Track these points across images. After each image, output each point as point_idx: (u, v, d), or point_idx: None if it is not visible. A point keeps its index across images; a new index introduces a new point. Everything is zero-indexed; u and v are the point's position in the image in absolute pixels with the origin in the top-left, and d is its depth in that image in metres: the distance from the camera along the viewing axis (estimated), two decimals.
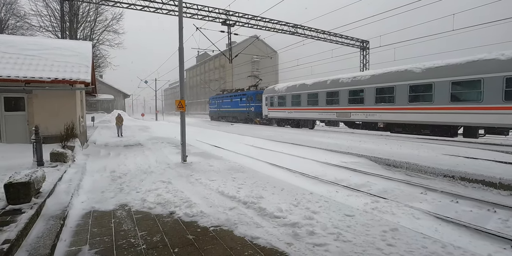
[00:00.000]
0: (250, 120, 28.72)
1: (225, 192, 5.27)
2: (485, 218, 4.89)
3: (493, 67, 11.08)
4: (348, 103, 17.21)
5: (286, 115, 23.03)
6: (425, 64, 13.72)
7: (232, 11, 24.26)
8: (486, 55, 11.66)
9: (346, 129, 20.63)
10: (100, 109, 47.40)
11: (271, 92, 24.71)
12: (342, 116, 17.83)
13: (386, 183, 6.89)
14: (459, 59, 12.54)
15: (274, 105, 24.16)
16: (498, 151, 9.43)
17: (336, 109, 18.16)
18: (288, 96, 22.43)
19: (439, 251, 3.09)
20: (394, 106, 14.70)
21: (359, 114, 16.66)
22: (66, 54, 11.03)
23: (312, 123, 21.79)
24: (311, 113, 20.31)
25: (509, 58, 10.80)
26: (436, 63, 13.27)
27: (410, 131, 14.74)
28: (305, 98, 20.71)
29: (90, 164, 8.16)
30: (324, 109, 19.09)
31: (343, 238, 3.42)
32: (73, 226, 3.93)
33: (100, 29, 29.16)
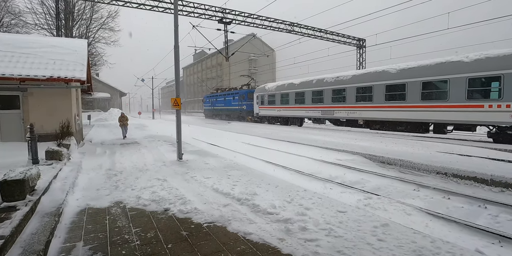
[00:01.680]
0: (243, 118, 29.63)
1: (219, 189, 5.31)
2: (475, 214, 4.98)
3: (458, 69, 12.02)
4: (332, 101, 18.16)
5: (275, 113, 23.91)
6: (400, 65, 14.62)
7: (228, 9, 24.21)
8: (453, 57, 12.54)
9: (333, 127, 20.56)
10: (96, 107, 47.19)
11: (262, 91, 25.59)
12: (326, 114, 18.78)
13: (380, 180, 6.96)
14: (429, 61, 13.39)
15: (265, 103, 25.09)
16: (491, 148, 9.55)
17: (321, 107, 19.07)
18: (278, 95, 23.31)
19: (428, 246, 3.15)
20: (372, 104, 15.67)
21: (341, 112, 17.57)
22: (62, 52, 10.99)
23: (300, 120, 22.77)
24: (299, 111, 21.16)
25: (472, 60, 11.66)
26: (409, 64, 14.16)
27: (387, 128, 15.67)
28: (293, 97, 21.59)
29: (85, 162, 8.17)
30: (310, 107, 19.97)
31: (334, 233, 3.47)
32: (67, 223, 3.96)
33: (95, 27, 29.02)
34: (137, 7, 21.39)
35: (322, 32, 28.93)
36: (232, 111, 31.54)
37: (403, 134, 15.16)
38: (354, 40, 31.00)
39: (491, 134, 12.19)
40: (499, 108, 10.99)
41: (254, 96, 26.79)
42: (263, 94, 25.27)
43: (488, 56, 11.42)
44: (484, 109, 11.38)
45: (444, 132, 13.63)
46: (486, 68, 11.24)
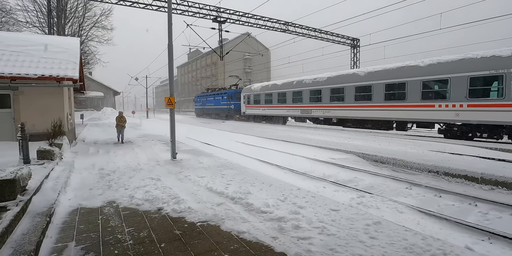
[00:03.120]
0: (231, 117, 30.97)
1: (213, 188, 5.31)
2: (466, 212, 5.06)
3: (414, 72, 13.41)
4: (310, 101, 19.49)
5: (260, 112, 25.39)
6: (367, 68, 16.01)
7: (223, 8, 24.14)
8: (411, 62, 13.87)
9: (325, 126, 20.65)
10: (89, 106, 46.68)
11: (248, 91, 26.85)
12: (305, 113, 20.16)
13: (373, 179, 7.03)
14: (392, 65, 14.80)
15: (251, 103, 26.44)
16: (482, 147, 9.69)
17: (300, 106, 20.44)
18: (262, 95, 24.70)
19: (419, 243, 3.19)
20: (344, 104, 17.05)
21: (318, 111, 18.96)
22: (54, 50, 10.84)
23: (283, 119, 23.89)
24: (281, 110, 22.60)
25: (426, 65, 13.00)
26: (376, 67, 15.56)
27: (357, 126, 16.97)
28: (276, 97, 23.01)
29: (78, 162, 8.09)
30: (291, 107, 21.38)
31: (327, 231, 3.50)
32: (59, 223, 3.93)
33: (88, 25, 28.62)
34: (130, 5, 21.21)
35: (317, 31, 29.02)
36: (221, 110, 32.77)
37: (395, 133, 15.32)
38: (348, 40, 31.17)
39: (441, 131, 13.40)
40: (446, 107, 12.32)
41: (241, 96, 28.04)
42: (249, 94, 26.56)
43: (440, 61, 12.64)
44: (435, 108, 12.71)
45: (405, 129, 14.85)
46: (437, 72, 12.55)
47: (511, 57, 10.58)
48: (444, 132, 13.23)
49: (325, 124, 19.42)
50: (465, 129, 12.40)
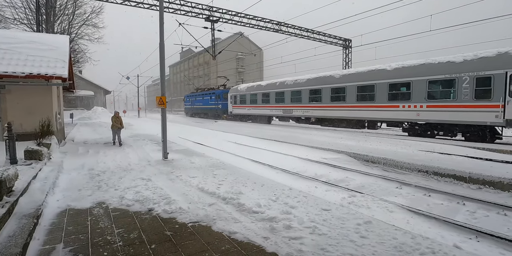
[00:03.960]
0: (219, 116, 31.93)
1: (205, 188, 5.28)
2: (454, 211, 5.15)
3: (382, 76, 14.59)
4: (291, 101, 20.59)
5: (246, 112, 26.48)
6: (342, 71, 17.39)
7: (215, 7, 24.05)
8: (380, 66, 15.07)
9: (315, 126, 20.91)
10: (79, 105, 45.96)
11: (235, 91, 27.89)
12: (286, 113, 21.32)
13: (364, 178, 7.09)
14: (363, 68, 15.93)
15: (237, 103, 27.53)
16: (470, 147, 9.87)
17: (282, 106, 21.60)
18: (248, 95, 25.78)
19: (409, 242, 3.23)
20: (321, 104, 18.14)
21: (298, 110, 20.06)
22: (42, 48, 10.62)
23: (268, 118, 24.88)
24: (265, 110, 23.78)
25: (393, 69, 14.22)
26: (350, 70, 16.90)
27: (334, 125, 18.17)
28: (260, 97, 24.14)
29: (67, 162, 7.95)
30: (274, 107, 22.56)
31: (318, 231, 3.51)
32: (47, 225, 3.85)
33: (78, 23, 28.10)
34: (121, 3, 20.95)
35: (309, 32, 29.16)
36: (209, 110, 33.99)
37: (386, 133, 15.52)
38: (340, 40, 31.40)
39: (404, 129, 14.57)
40: (409, 108, 13.52)
41: (228, 96, 29.00)
42: (236, 94, 27.59)
43: (404, 65, 13.86)
44: (399, 108, 13.93)
45: (375, 128, 16.30)
46: (402, 75, 13.79)
47: (462, 63, 11.69)
48: (407, 130, 14.34)
49: (306, 123, 20.53)
50: (425, 128, 13.52)
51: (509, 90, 10.56)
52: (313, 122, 19.63)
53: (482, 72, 11.21)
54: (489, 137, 11.74)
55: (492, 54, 11.24)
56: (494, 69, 10.90)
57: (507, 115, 10.58)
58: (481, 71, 11.22)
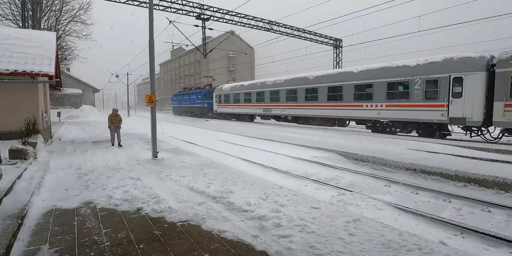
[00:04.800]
0: (205, 115, 33.18)
1: (195, 187, 5.25)
2: (441, 208, 5.25)
3: (349, 77, 15.92)
4: (270, 101, 21.94)
5: (230, 111, 27.74)
6: (316, 73, 18.47)
7: (206, 5, 23.87)
8: (348, 69, 16.52)
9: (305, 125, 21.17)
10: (67, 104, 45.06)
11: (220, 91, 29.09)
12: (266, 111, 22.73)
13: (353, 177, 7.17)
14: (334, 70, 17.75)
15: (222, 102, 28.80)
16: (457, 146, 10.08)
17: (262, 105, 22.98)
18: (231, 95, 27.02)
19: (396, 239, 3.28)
20: (297, 103, 19.44)
21: (276, 109, 21.44)
22: (28, 45, 10.35)
23: (250, 117, 26.20)
24: (247, 108, 25.10)
25: (358, 71, 15.50)
26: (322, 72, 18.14)
27: (308, 123, 19.49)
28: (242, 97, 25.42)
29: (54, 161, 7.79)
30: (255, 106, 23.90)
31: (308, 229, 3.53)
32: (32, 225, 3.76)
33: (66, 19, 27.48)
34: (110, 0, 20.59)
35: (300, 31, 29.24)
36: (196, 109, 35.41)
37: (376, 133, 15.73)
38: (331, 40, 31.58)
39: (368, 127, 15.86)
40: (372, 107, 14.81)
41: (214, 95, 30.27)
42: (221, 93, 28.83)
43: (368, 68, 15.17)
44: (363, 108, 15.21)
45: (344, 125, 17.85)
46: (365, 77, 15.08)
47: (415, 67, 13.04)
48: (371, 127, 15.69)
49: (284, 122, 21.95)
50: (385, 125, 14.83)
51: (452, 91, 11.92)
52: (290, 120, 21.01)
53: (431, 75, 12.55)
54: (438, 133, 13.03)
55: (440, 59, 12.42)
56: (440, 73, 12.22)
57: (451, 113, 11.93)
58: (430, 74, 12.56)
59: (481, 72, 11.25)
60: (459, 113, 11.73)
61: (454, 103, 11.89)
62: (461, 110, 11.69)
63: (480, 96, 11.31)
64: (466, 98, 11.57)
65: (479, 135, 12.03)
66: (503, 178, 5.92)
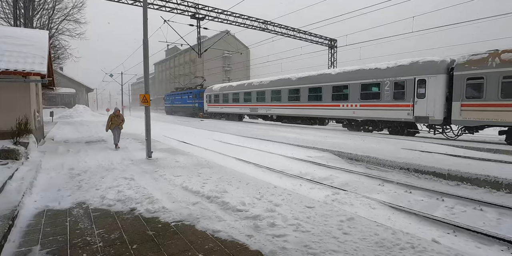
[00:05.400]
0: (196, 114, 34.44)
1: (189, 187, 5.22)
2: (434, 206, 5.30)
3: (327, 79, 17.03)
4: (257, 101, 23.10)
5: (219, 110, 28.93)
6: (298, 74, 19.55)
7: (201, 4, 23.79)
8: (326, 71, 17.89)
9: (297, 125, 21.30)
10: (60, 103, 44.54)
11: (210, 91, 30.36)
12: (253, 111, 23.88)
13: (347, 176, 7.21)
14: (314, 72, 18.42)
15: (212, 102, 30.04)
16: (449, 145, 10.19)
17: (249, 105, 24.17)
18: (221, 95, 28.25)
19: (389, 238, 3.30)
20: (281, 103, 20.60)
21: (262, 109, 22.63)
22: (19, 43, 10.19)
23: (238, 116, 27.29)
24: (235, 108, 26.28)
25: (336, 73, 16.68)
26: (303, 74, 19.04)
27: (291, 122, 20.70)
28: (231, 97, 26.62)
29: (46, 162, 7.69)
30: (242, 105, 25.06)
31: (302, 228, 3.54)
32: (23, 226, 3.71)
33: (59, 18, 27.15)
34: None
35: (295, 31, 29.28)
36: (187, 108, 36.79)
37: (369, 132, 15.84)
38: (326, 40, 31.69)
39: (344, 125, 16.99)
40: (347, 107, 15.88)
41: (204, 95, 31.44)
42: (211, 94, 30.04)
43: (344, 71, 16.34)
44: (340, 107, 16.30)
45: (324, 124, 19.20)
46: (342, 79, 16.18)
47: (386, 70, 14.05)
48: (347, 126, 16.83)
49: (270, 121, 23.20)
50: (360, 124, 15.95)
51: (417, 92, 12.93)
52: (274, 119, 22.25)
53: (399, 77, 13.61)
54: (406, 131, 14.06)
55: (407, 62, 13.49)
56: (407, 75, 13.29)
57: (416, 112, 13.00)
58: (398, 76, 13.62)
59: (442, 74, 12.25)
60: (423, 112, 12.72)
61: (418, 103, 12.88)
62: (425, 110, 12.66)
63: (441, 97, 12.31)
64: (429, 99, 12.53)
65: (441, 133, 13.08)
66: (495, 177, 6.00)
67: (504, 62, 10.58)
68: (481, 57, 11.26)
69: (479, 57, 11.30)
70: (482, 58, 11.21)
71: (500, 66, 10.65)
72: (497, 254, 3.66)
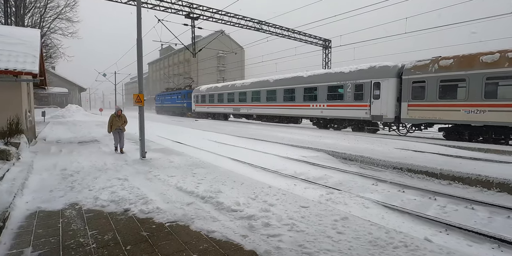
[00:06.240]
0: (184, 114, 35.98)
1: (183, 187, 5.20)
2: (426, 205, 5.37)
3: (299, 81, 18.70)
4: (239, 101, 24.69)
5: (205, 110, 30.47)
6: (275, 76, 21.29)
7: (196, 4, 23.70)
8: (300, 73, 19.10)
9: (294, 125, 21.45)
10: (52, 103, 43.98)
11: (197, 91, 31.85)
12: (235, 110, 25.50)
13: (341, 176, 7.25)
14: (289, 75, 20.02)
15: (199, 102, 31.53)
16: (442, 145, 10.32)
17: (232, 105, 25.81)
18: (207, 95, 29.81)
19: (383, 236, 3.33)
20: (260, 103, 22.27)
21: (244, 109, 24.22)
22: (10, 42, 10.03)
23: (224, 115, 28.78)
24: (220, 108, 27.83)
25: (307, 76, 18.22)
26: (279, 76, 20.78)
27: (269, 120, 22.43)
28: (216, 97, 28.16)
29: (38, 162, 7.59)
30: (226, 105, 26.69)
31: (296, 228, 3.55)
32: (15, 228, 3.65)
33: (51, 16, 26.77)
34: None
35: (290, 31, 29.35)
36: (176, 108, 38.26)
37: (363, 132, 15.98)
38: (320, 41, 31.82)
39: (314, 123, 18.72)
40: (316, 107, 17.44)
41: (192, 95, 32.89)
42: (198, 94, 31.50)
43: (314, 74, 17.98)
44: (310, 107, 17.90)
45: (298, 122, 20.81)
46: (312, 81, 17.78)
47: (348, 73, 15.64)
48: (316, 124, 18.52)
49: (252, 120, 24.79)
50: (327, 122, 17.66)
51: (373, 94, 14.45)
52: (255, 118, 23.90)
53: (358, 80, 15.16)
54: (366, 128, 15.62)
55: (366, 67, 15.04)
56: (365, 78, 14.85)
57: (372, 112, 14.53)
58: (358, 79, 15.18)
59: (393, 78, 13.81)
60: (378, 112, 14.27)
61: (374, 103, 14.44)
62: (379, 109, 14.19)
63: (393, 98, 13.85)
64: (383, 100, 14.07)
65: (395, 130, 14.72)
66: (486, 176, 6.09)
67: (441, 67, 12.00)
68: (424, 63, 12.68)
69: (423, 63, 12.73)
70: (425, 64, 12.63)
71: (438, 71, 12.10)
72: (488, 252, 3.72)
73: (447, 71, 11.83)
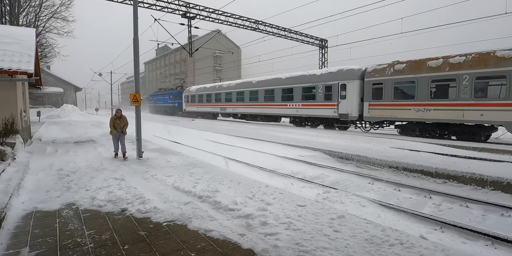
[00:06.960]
0: (176, 113, 37.38)
1: (181, 187, 5.21)
2: (422, 204, 5.43)
3: (278, 82, 20.25)
4: (225, 101, 26.13)
5: (195, 109, 32.01)
6: (257, 78, 22.89)
7: (192, 3, 23.62)
8: (279, 75, 20.57)
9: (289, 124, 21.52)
10: (47, 103, 43.64)
11: (188, 92, 33.35)
12: (222, 110, 27.06)
13: (338, 175, 7.30)
14: (270, 76, 21.70)
15: (189, 102, 33.02)
16: (437, 144, 10.40)
17: (219, 105, 27.32)
18: (196, 96, 31.26)
19: (379, 234, 3.37)
20: (244, 103, 23.72)
21: (229, 108, 25.71)
22: (5, 42, 9.95)
23: (213, 115, 30.17)
24: (208, 108, 29.42)
25: (285, 78, 19.74)
26: (261, 78, 22.43)
27: (252, 119, 23.86)
28: (205, 97, 29.66)
29: (34, 162, 7.54)
30: (214, 105, 28.19)
31: (293, 227, 3.58)
32: (11, 228, 3.64)
33: (46, 16, 26.57)
34: None
35: (286, 31, 29.36)
36: (168, 108, 39.70)
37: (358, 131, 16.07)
38: (316, 40, 31.88)
39: (291, 121, 20.41)
40: (293, 106, 18.95)
41: (183, 96, 34.16)
42: (188, 94, 32.95)
43: (291, 75, 19.38)
44: (287, 107, 19.43)
45: (278, 121, 22.39)
46: (289, 83, 19.30)
47: (320, 76, 17.16)
48: (293, 122, 20.14)
49: (238, 119, 25.93)
50: (303, 120, 19.11)
51: (340, 94, 15.95)
52: (240, 117, 25.30)
53: (328, 82, 16.66)
54: (336, 126, 17.05)
55: (335, 70, 16.55)
56: (334, 80, 16.35)
57: (339, 110, 16.04)
58: (328, 81, 16.67)
59: (357, 80, 15.25)
60: (344, 110, 15.75)
61: (341, 103, 15.92)
62: (345, 108, 15.68)
63: (357, 98, 15.24)
64: (348, 99, 15.53)
65: (359, 127, 16.09)
66: (480, 175, 6.17)
67: (396, 71, 13.39)
68: (382, 67, 14.04)
69: (381, 67, 14.08)
70: (383, 67, 13.99)
71: (393, 74, 13.51)
72: (482, 249, 3.78)
73: (400, 74, 13.25)
